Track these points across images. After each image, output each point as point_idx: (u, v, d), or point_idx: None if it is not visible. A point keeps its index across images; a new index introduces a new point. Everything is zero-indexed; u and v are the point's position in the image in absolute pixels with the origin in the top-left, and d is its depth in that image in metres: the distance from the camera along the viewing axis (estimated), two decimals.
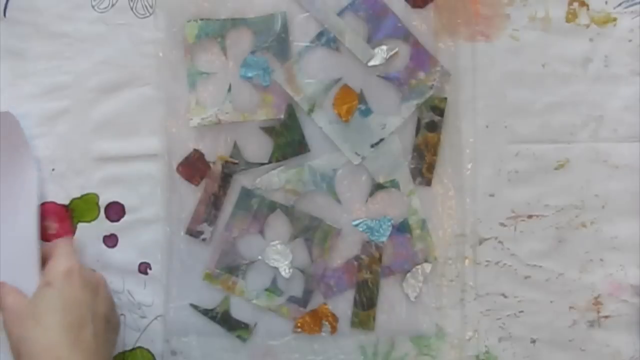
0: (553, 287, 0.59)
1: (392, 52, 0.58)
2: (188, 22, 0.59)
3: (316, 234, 0.59)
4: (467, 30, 0.58)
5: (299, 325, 0.59)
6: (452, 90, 0.59)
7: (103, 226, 0.60)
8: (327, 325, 0.59)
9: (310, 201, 0.59)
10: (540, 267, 0.59)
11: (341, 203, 0.59)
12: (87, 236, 0.60)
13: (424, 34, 0.58)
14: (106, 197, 0.60)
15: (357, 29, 0.58)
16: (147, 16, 0.59)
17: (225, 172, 0.59)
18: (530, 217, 0.59)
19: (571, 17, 0.58)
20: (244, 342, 0.60)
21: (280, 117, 0.59)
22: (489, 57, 0.58)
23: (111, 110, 0.59)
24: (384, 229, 0.59)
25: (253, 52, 0.58)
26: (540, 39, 0.58)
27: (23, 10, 0.59)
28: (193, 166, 0.59)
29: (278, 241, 0.59)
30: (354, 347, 0.59)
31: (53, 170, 0.59)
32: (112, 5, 0.59)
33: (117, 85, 0.59)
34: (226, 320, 0.60)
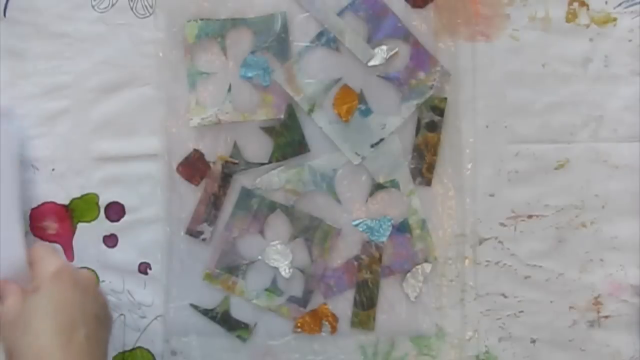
0: (553, 287, 0.59)
1: (392, 52, 0.58)
2: (188, 22, 0.59)
3: (316, 234, 0.59)
4: (467, 30, 0.58)
5: (299, 325, 0.59)
6: (452, 90, 0.59)
7: (103, 226, 0.60)
8: (327, 325, 0.59)
9: (310, 201, 0.59)
10: (540, 267, 0.59)
11: (341, 203, 0.59)
12: (87, 236, 0.60)
13: (424, 34, 0.58)
14: (106, 197, 0.60)
15: (357, 29, 0.58)
16: (147, 16, 0.59)
17: (225, 172, 0.59)
18: (530, 217, 0.59)
19: (571, 17, 0.58)
20: (244, 342, 0.60)
21: (280, 117, 0.59)
22: (489, 57, 0.58)
23: (111, 110, 0.59)
24: (384, 229, 0.59)
25: (253, 52, 0.58)
26: (540, 39, 0.58)
27: (23, 10, 0.59)
28: (193, 166, 0.59)
29: (278, 241, 0.59)
30: (354, 347, 0.59)
31: (53, 170, 0.59)
32: (112, 5, 0.59)
33: (117, 85, 0.59)
34: (226, 320, 0.60)
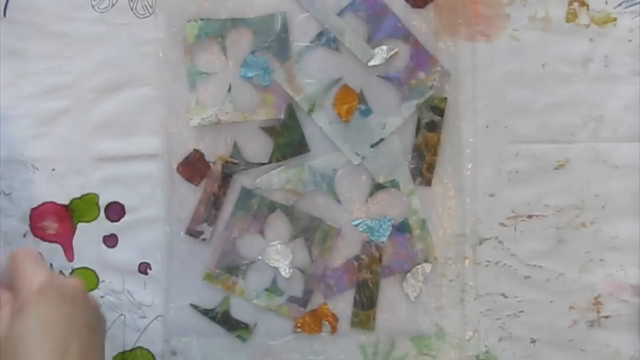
0: (553, 287, 0.59)
1: (392, 52, 0.58)
2: (188, 22, 0.59)
3: (316, 234, 0.59)
4: (467, 30, 0.58)
5: (299, 325, 0.59)
6: (452, 90, 0.59)
7: (103, 226, 0.60)
8: (327, 325, 0.59)
9: (310, 201, 0.59)
10: (540, 267, 0.59)
11: (341, 203, 0.59)
12: (87, 236, 0.60)
13: (424, 34, 0.58)
14: (106, 197, 0.60)
15: (357, 29, 0.58)
16: (147, 16, 0.59)
17: (225, 172, 0.59)
18: (530, 217, 0.59)
19: (571, 17, 0.58)
20: (244, 342, 0.60)
21: (280, 117, 0.59)
22: (489, 57, 0.58)
23: (111, 110, 0.59)
24: (384, 229, 0.59)
25: (253, 52, 0.58)
26: (540, 39, 0.58)
27: (23, 10, 0.59)
28: (193, 166, 0.59)
29: (278, 241, 0.59)
30: (354, 347, 0.59)
31: (53, 170, 0.59)
32: (112, 5, 0.59)
33: (117, 85, 0.59)
34: (226, 320, 0.60)
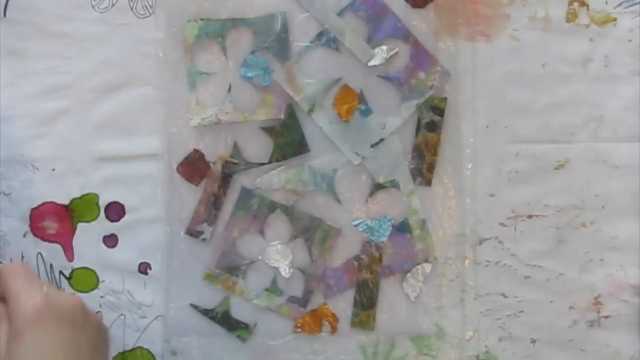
0: (553, 287, 0.59)
1: (392, 52, 0.58)
2: (188, 22, 0.59)
3: (316, 234, 0.59)
4: (467, 30, 0.58)
5: (299, 325, 0.59)
6: (452, 90, 0.59)
7: (103, 226, 0.60)
8: (327, 325, 0.59)
9: (310, 201, 0.59)
10: (540, 267, 0.59)
11: (341, 203, 0.59)
12: (87, 236, 0.60)
13: (424, 34, 0.58)
14: (106, 197, 0.60)
15: (357, 29, 0.58)
16: (147, 16, 0.59)
17: (225, 172, 0.59)
18: (530, 217, 0.59)
19: (571, 17, 0.58)
20: (244, 342, 0.60)
21: (280, 117, 0.59)
22: (489, 57, 0.58)
23: (111, 110, 0.59)
24: (384, 229, 0.59)
25: (253, 52, 0.58)
26: (540, 39, 0.58)
27: (23, 10, 0.59)
28: (193, 166, 0.59)
29: (278, 241, 0.59)
30: (354, 347, 0.59)
31: (53, 170, 0.59)
32: (112, 5, 0.59)
33: (117, 85, 0.59)
34: (226, 320, 0.60)
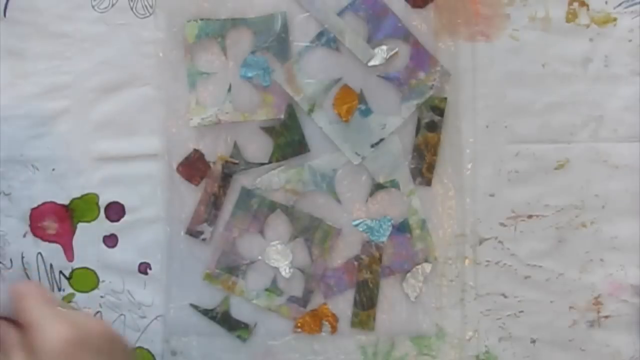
0: (553, 287, 0.59)
1: (392, 52, 0.58)
2: (188, 22, 0.59)
3: (316, 234, 0.59)
4: (467, 30, 0.58)
5: (299, 325, 0.59)
6: (452, 90, 0.59)
7: (103, 226, 0.60)
8: (327, 325, 0.59)
9: (310, 201, 0.59)
10: (540, 267, 0.59)
11: (341, 203, 0.59)
12: (87, 236, 0.60)
13: (424, 34, 0.58)
14: (106, 197, 0.60)
15: (357, 29, 0.58)
16: (147, 16, 0.59)
17: (225, 172, 0.59)
18: (530, 217, 0.59)
19: (571, 17, 0.58)
20: (244, 342, 0.60)
21: (280, 117, 0.59)
22: (489, 57, 0.58)
23: (111, 110, 0.59)
24: (384, 229, 0.59)
25: (253, 52, 0.58)
26: (540, 39, 0.58)
27: (23, 10, 0.59)
28: (193, 166, 0.59)
29: (278, 241, 0.59)
30: (354, 347, 0.59)
31: (53, 170, 0.59)
32: (112, 5, 0.59)
33: (117, 85, 0.59)
34: (226, 320, 0.60)
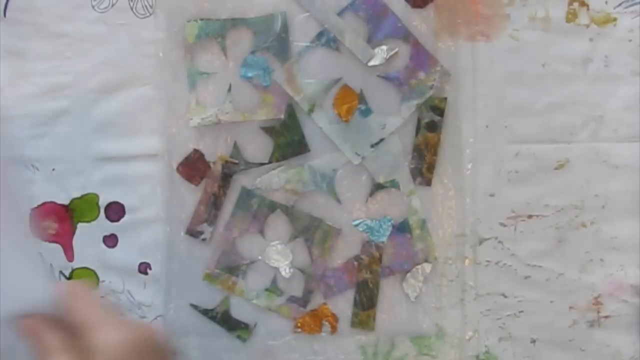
0: (553, 287, 0.59)
1: (392, 52, 0.58)
2: (188, 22, 0.59)
3: (316, 234, 0.59)
4: (467, 30, 0.58)
5: (299, 325, 0.59)
6: (452, 90, 0.59)
7: (103, 226, 0.60)
8: (327, 325, 0.59)
9: (310, 201, 0.59)
10: (540, 267, 0.59)
11: (341, 203, 0.59)
12: (87, 236, 0.60)
13: (424, 34, 0.58)
14: (106, 197, 0.60)
15: (357, 29, 0.58)
16: (147, 16, 0.59)
17: (225, 172, 0.59)
18: (530, 217, 0.59)
19: (571, 17, 0.58)
20: (244, 342, 0.60)
21: (280, 117, 0.59)
22: (489, 57, 0.58)
23: (111, 110, 0.59)
24: (384, 229, 0.59)
25: (253, 52, 0.58)
26: (540, 39, 0.58)
27: (23, 10, 0.59)
28: (193, 166, 0.59)
29: (278, 241, 0.59)
30: (354, 347, 0.59)
31: (53, 170, 0.59)
32: (112, 5, 0.59)
33: (117, 85, 0.59)
34: (226, 320, 0.60)
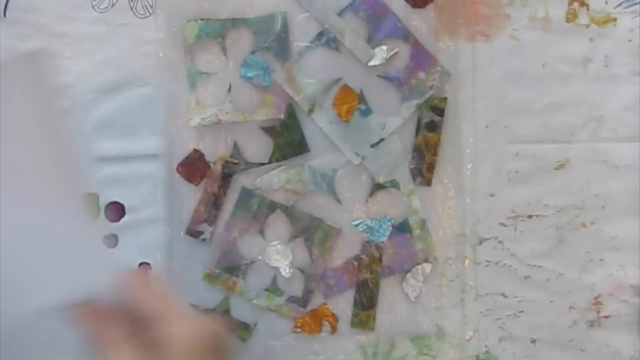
0: (553, 287, 0.59)
1: (392, 52, 0.58)
2: (188, 22, 0.59)
3: (316, 234, 0.59)
4: (467, 30, 0.58)
5: (299, 325, 0.59)
6: (452, 90, 0.59)
7: (103, 226, 0.60)
8: (327, 325, 0.59)
9: (310, 201, 0.59)
10: (540, 267, 0.59)
11: (341, 203, 0.59)
12: None
13: (424, 34, 0.58)
14: (106, 197, 0.60)
15: (357, 29, 0.58)
16: (147, 16, 0.59)
17: (225, 172, 0.59)
18: (530, 217, 0.59)
19: (571, 17, 0.58)
20: (244, 342, 0.60)
21: (280, 117, 0.59)
22: (489, 57, 0.58)
23: (111, 110, 0.59)
24: (384, 229, 0.59)
25: (253, 52, 0.58)
26: (540, 39, 0.58)
27: (23, 10, 0.59)
28: (193, 166, 0.59)
29: (278, 241, 0.59)
30: (354, 347, 0.59)
31: None
32: (112, 5, 0.59)
33: (117, 85, 0.59)
34: (226, 320, 0.59)
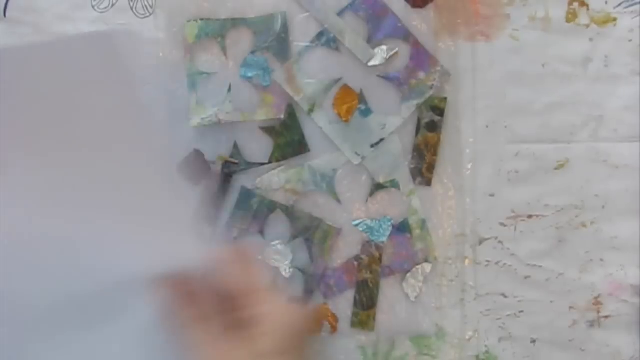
0: (553, 287, 0.59)
1: (392, 52, 0.58)
2: (188, 22, 0.59)
3: (316, 234, 0.59)
4: (467, 30, 0.58)
5: None
6: (452, 90, 0.59)
7: None
8: (327, 325, 0.59)
9: (310, 201, 0.59)
10: (540, 267, 0.59)
11: (341, 203, 0.59)
12: None
13: (424, 34, 0.58)
14: None
15: (357, 29, 0.58)
16: (147, 16, 0.59)
17: (225, 172, 0.59)
18: (530, 217, 0.59)
19: (571, 17, 0.58)
20: None
21: (280, 117, 0.59)
22: (489, 57, 0.58)
23: None
24: (384, 229, 0.59)
25: (253, 52, 0.58)
26: (540, 39, 0.58)
27: (23, 10, 0.59)
28: (193, 166, 0.59)
29: (278, 241, 0.59)
30: (354, 347, 0.59)
31: None
32: (112, 5, 0.59)
33: None
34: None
